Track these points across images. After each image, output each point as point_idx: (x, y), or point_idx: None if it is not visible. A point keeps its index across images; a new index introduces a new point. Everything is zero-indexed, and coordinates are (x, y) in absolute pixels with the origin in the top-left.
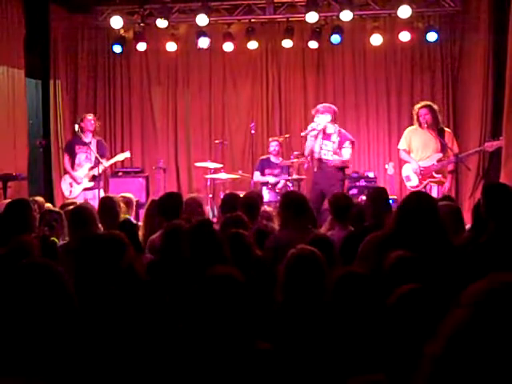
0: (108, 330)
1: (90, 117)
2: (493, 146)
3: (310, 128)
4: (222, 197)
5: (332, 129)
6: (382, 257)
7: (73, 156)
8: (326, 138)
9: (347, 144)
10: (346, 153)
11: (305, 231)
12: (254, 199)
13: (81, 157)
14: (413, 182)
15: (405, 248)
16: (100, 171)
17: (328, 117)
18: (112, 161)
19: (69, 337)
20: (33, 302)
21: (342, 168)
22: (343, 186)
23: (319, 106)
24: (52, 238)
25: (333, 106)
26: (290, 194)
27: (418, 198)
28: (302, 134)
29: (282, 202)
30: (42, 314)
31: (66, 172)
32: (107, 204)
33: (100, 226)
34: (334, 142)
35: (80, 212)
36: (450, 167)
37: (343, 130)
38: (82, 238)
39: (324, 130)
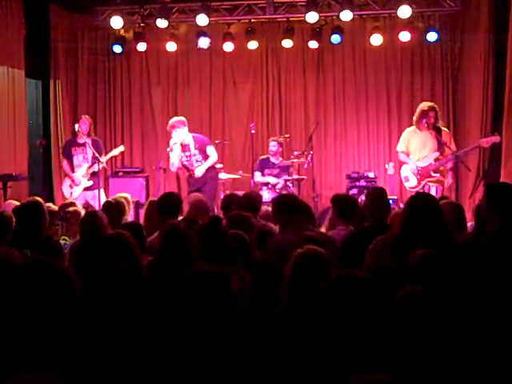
0: (109, 330)
1: (86, 118)
2: (488, 142)
3: (171, 144)
4: (222, 197)
5: (188, 140)
6: (392, 258)
7: (70, 159)
8: (184, 150)
9: (208, 146)
10: (212, 152)
11: (304, 231)
12: (254, 199)
13: (78, 158)
14: (411, 183)
15: (414, 248)
16: (99, 168)
17: (185, 129)
18: (108, 156)
19: (75, 332)
20: (39, 299)
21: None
22: (217, 183)
23: (173, 122)
24: (63, 237)
25: (183, 118)
26: (281, 198)
27: (424, 200)
28: (168, 149)
29: (274, 207)
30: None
31: (66, 174)
32: (109, 210)
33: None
34: (194, 155)
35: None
36: (450, 165)
37: (198, 135)
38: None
39: (182, 143)
